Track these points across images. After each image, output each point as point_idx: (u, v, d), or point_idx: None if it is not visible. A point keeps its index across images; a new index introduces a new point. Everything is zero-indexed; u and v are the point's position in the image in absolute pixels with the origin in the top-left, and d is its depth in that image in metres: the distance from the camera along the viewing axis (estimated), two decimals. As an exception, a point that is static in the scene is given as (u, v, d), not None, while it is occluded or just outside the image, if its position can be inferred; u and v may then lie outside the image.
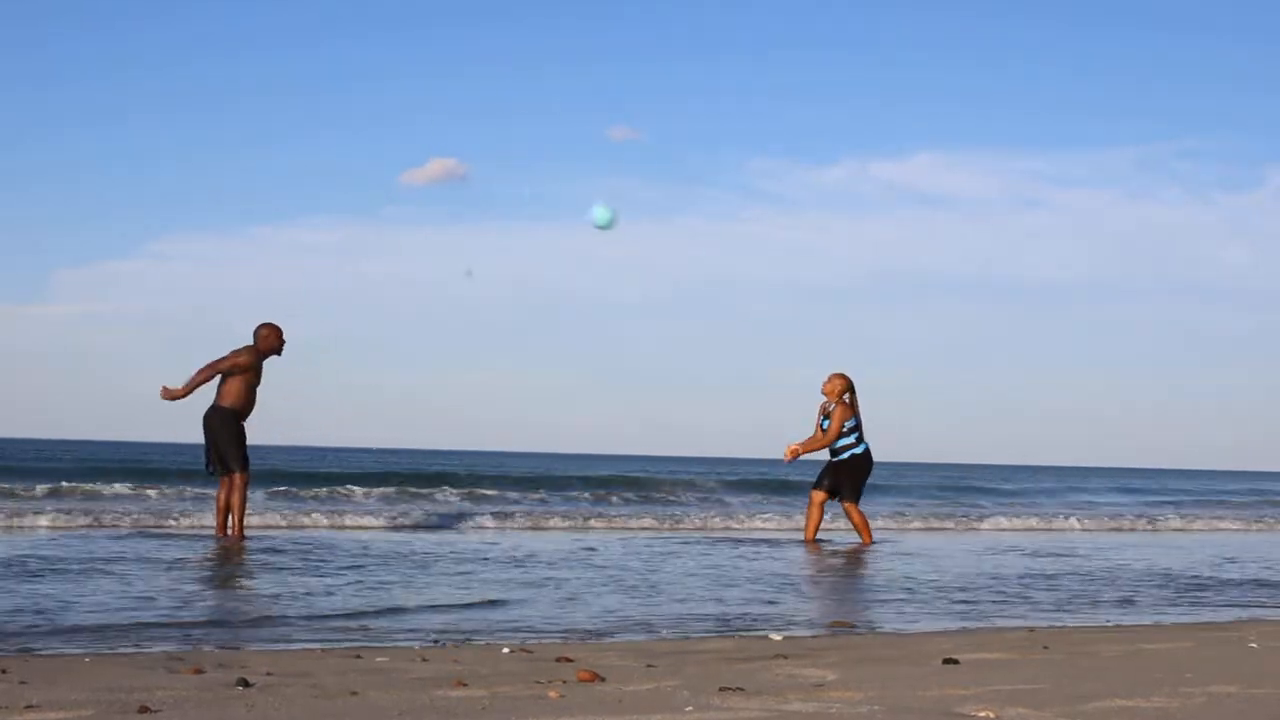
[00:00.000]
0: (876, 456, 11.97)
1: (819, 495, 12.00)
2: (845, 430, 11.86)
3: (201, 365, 10.62)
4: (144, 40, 59.82)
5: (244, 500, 10.76)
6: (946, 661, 4.79)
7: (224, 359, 10.64)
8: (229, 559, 9.18)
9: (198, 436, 10.83)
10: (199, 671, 4.30)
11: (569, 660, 4.69)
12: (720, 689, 4.07)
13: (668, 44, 62.18)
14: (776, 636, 5.71)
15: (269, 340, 10.80)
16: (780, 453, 12.02)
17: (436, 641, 5.38)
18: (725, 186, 71.03)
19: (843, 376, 11.98)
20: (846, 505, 11.99)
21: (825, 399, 12.01)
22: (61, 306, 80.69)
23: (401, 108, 62.11)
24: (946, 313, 74.99)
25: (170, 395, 10.52)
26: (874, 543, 11.92)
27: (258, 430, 10.88)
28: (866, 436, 11.95)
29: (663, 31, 61.45)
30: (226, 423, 10.67)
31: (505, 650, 5.05)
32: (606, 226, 10.05)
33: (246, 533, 10.79)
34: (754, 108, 64.04)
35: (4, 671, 4.23)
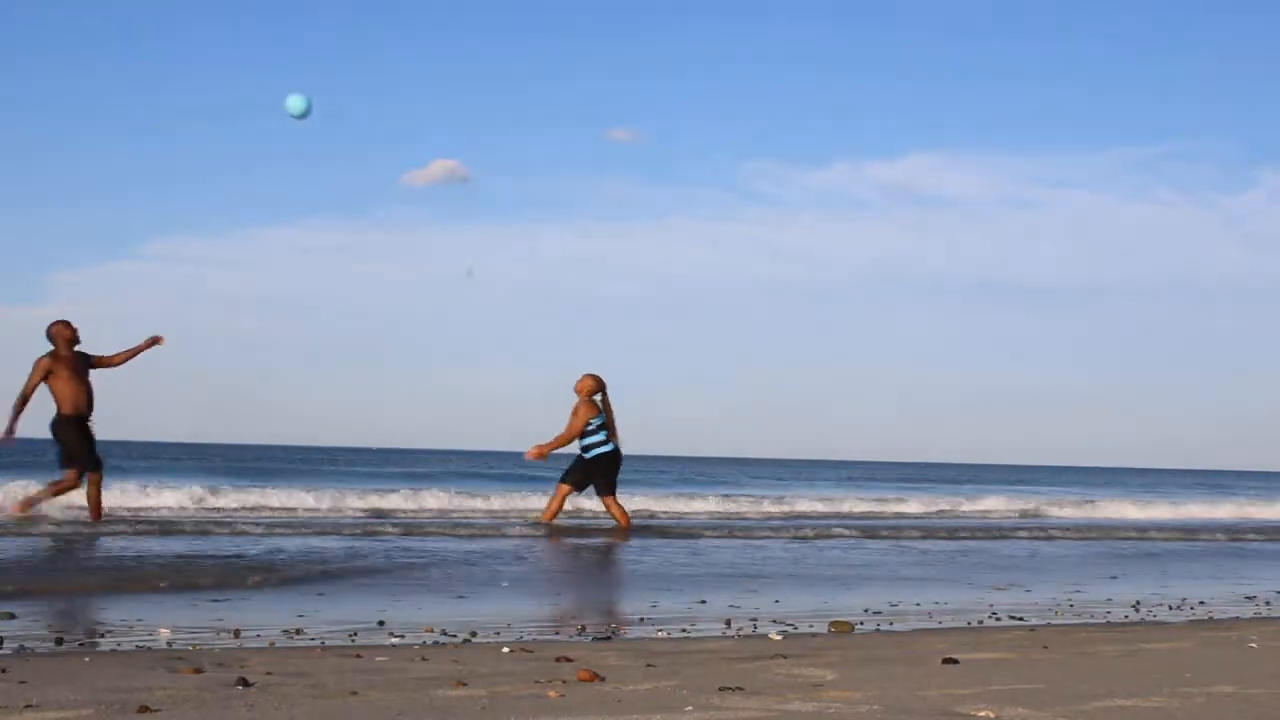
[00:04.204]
0: (883, 456, 12.23)
1: (564, 488, 12.47)
2: (592, 429, 12.32)
3: (14, 400, 11.31)
4: (142, 43, 59.85)
5: (99, 493, 11.52)
6: (946, 661, 4.79)
7: (27, 383, 11.24)
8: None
9: (189, 437, 11.50)
10: (199, 671, 4.30)
11: (568, 660, 4.69)
12: (720, 688, 4.07)
13: (665, 48, 62.27)
14: (776, 636, 5.71)
15: (62, 334, 11.43)
16: None
17: (437, 641, 5.38)
18: (721, 188, 71.12)
19: (594, 377, 12.45)
20: (605, 500, 12.44)
21: (576, 397, 12.44)
22: (59, 308, 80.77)
23: (403, 110, 62.18)
24: (940, 313, 75.03)
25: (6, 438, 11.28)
26: (631, 527, 12.35)
27: (259, 431, 11.28)
28: (618, 436, 12.44)
29: (660, 36, 61.54)
30: (69, 428, 11.35)
31: (505, 650, 5.05)
32: (301, 115, 10.53)
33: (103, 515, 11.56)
34: (749, 110, 64.15)
35: (4, 671, 4.22)
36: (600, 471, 12.37)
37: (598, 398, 12.40)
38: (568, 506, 12.73)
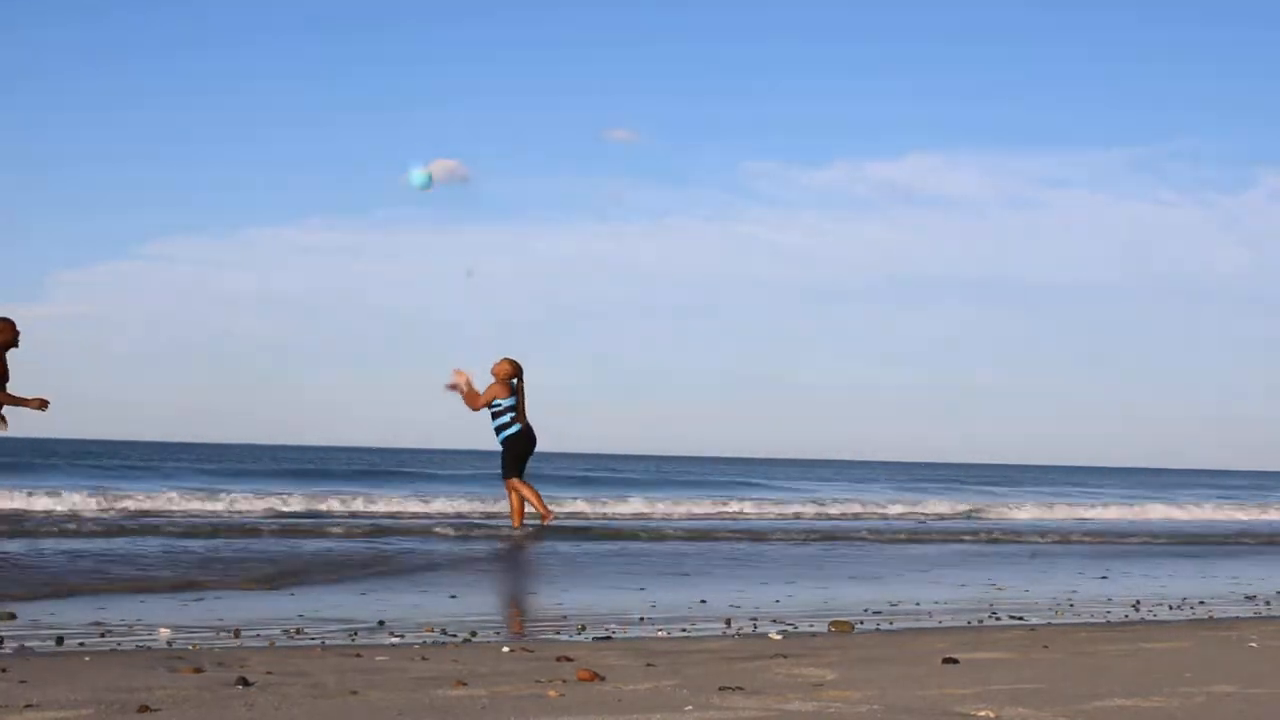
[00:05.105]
0: (882, 456, 12.19)
1: (510, 483, 12.52)
2: (500, 409, 12.44)
3: None
4: (141, 42, 59.86)
5: None
6: (946, 661, 4.78)
7: None
8: None
9: (191, 436, 11.23)
10: (199, 671, 4.30)
11: (569, 659, 4.68)
12: (720, 688, 4.07)
13: (664, 48, 62.30)
14: (776, 635, 5.70)
15: (4, 334, 11.00)
16: None
17: (437, 641, 5.38)
18: (720, 187, 71.13)
19: (511, 362, 12.61)
20: (507, 483, 12.51)
21: (493, 379, 12.57)
22: (58, 307, 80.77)
23: (404, 110, 62.16)
24: (939, 312, 75.03)
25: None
26: (523, 527, 12.28)
27: (259, 432, 11.20)
28: (532, 419, 12.49)
29: (659, 36, 61.58)
30: None
31: (505, 649, 5.05)
32: (424, 187, 10.65)
33: None
34: (748, 110, 64.18)
35: (4, 670, 4.22)
36: (510, 452, 12.48)
37: (514, 382, 12.55)
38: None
